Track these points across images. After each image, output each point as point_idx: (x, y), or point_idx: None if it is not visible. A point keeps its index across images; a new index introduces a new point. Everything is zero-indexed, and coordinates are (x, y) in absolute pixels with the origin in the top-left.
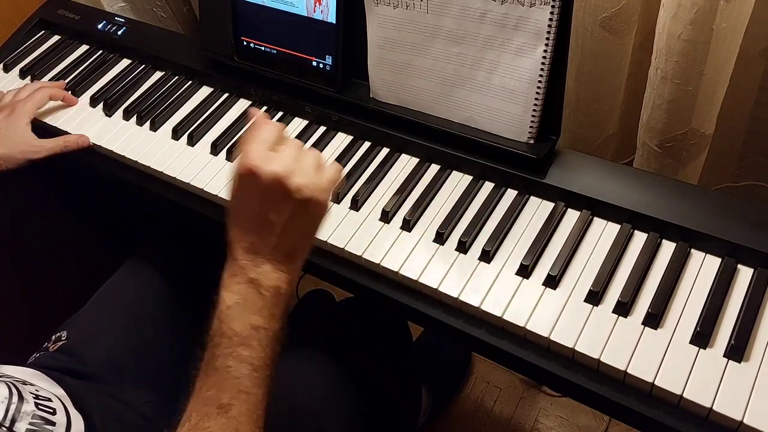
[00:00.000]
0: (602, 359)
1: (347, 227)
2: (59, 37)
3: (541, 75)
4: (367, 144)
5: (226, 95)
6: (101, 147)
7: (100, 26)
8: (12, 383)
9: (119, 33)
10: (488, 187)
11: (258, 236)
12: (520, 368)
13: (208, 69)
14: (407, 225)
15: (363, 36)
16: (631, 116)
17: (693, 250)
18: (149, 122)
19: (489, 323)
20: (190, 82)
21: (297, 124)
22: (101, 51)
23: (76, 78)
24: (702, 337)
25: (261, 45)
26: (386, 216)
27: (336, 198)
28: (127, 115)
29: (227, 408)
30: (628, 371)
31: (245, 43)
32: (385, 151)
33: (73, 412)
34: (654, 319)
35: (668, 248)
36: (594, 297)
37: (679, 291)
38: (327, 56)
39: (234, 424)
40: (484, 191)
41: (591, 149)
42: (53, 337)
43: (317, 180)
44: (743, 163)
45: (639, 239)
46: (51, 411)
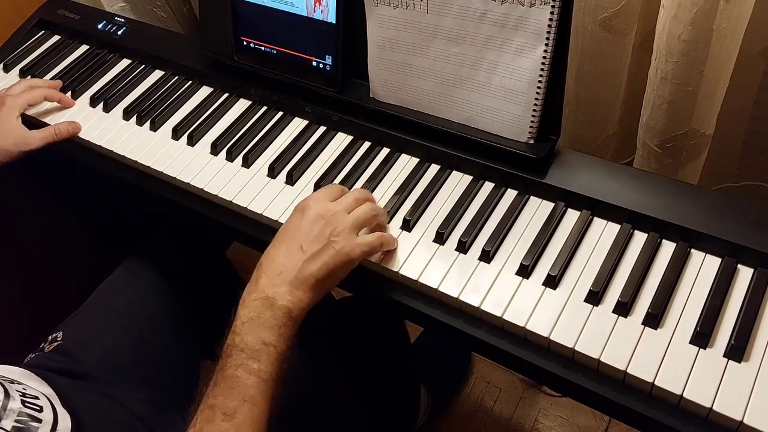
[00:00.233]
0: (602, 359)
1: None
2: (59, 37)
3: (541, 75)
4: (367, 144)
5: (226, 95)
6: (101, 147)
7: (100, 26)
8: None
9: (119, 33)
10: (488, 187)
11: (285, 259)
12: (520, 368)
13: (208, 69)
14: (407, 225)
15: (363, 36)
16: (631, 116)
17: (693, 250)
18: (149, 122)
19: (489, 323)
20: (190, 82)
21: (297, 124)
22: (101, 51)
23: (76, 78)
24: (702, 337)
25: (261, 45)
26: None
27: None
28: (127, 115)
29: (232, 415)
30: (628, 371)
31: (245, 43)
32: (385, 151)
33: (61, 411)
34: (654, 319)
35: (668, 248)
36: (594, 297)
37: (679, 291)
38: (327, 56)
39: (237, 431)
40: (484, 191)
41: (591, 149)
42: (50, 338)
43: (357, 238)
44: (743, 163)
45: (639, 239)
46: (37, 408)
